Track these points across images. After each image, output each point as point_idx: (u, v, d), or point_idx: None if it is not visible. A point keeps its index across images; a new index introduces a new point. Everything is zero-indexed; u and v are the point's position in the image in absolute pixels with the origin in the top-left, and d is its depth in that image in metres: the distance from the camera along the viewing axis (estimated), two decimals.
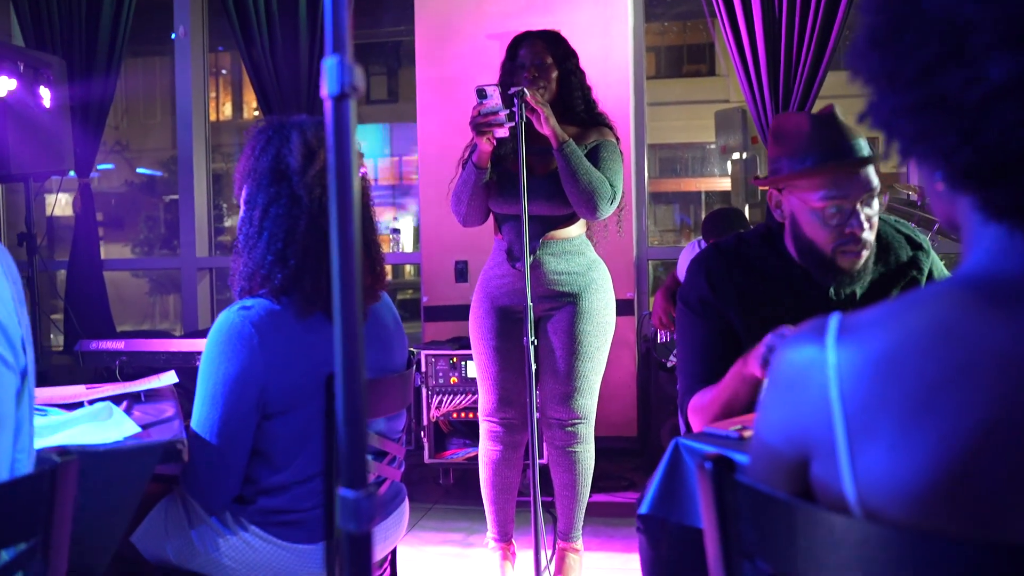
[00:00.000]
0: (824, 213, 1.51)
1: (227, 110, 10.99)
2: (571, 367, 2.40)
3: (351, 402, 0.68)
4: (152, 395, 1.63)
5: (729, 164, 7.56)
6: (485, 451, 2.49)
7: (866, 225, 1.52)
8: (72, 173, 4.40)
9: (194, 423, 1.43)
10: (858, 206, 1.51)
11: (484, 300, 2.47)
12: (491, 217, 2.51)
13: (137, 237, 8.65)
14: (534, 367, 2.19)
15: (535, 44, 2.42)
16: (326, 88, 0.66)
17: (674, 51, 10.25)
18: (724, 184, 8.80)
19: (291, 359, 1.42)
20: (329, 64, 0.66)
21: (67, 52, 4.34)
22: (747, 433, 1.24)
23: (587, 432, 2.46)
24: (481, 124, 2.24)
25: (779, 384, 0.75)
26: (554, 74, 2.42)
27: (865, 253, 1.55)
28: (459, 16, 4.10)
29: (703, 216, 9.64)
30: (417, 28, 4.16)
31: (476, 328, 2.47)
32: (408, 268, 6.71)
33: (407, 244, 4.99)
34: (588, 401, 2.43)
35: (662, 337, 3.66)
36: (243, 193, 1.48)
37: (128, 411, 1.52)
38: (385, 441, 1.53)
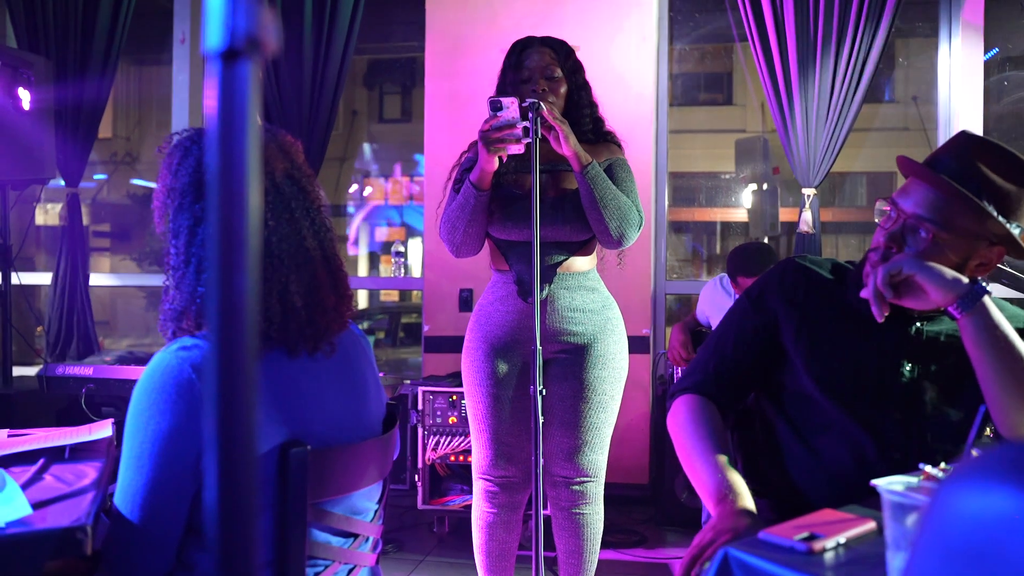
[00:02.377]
0: (883, 209, 1.39)
1: None
2: (582, 418, 2.11)
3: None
4: (80, 450, 1.35)
5: (749, 194, 7.29)
6: (479, 513, 2.19)
7: (882, 244, 1.36)
8: (62, 182, 4.18)
9: (118, 486, 1.15)
10: (905, 220, 1.35)
11: (482, 341, 2.15)
12: (487, 246, 2.20)
13: (143, 250, 8.45)
14: (541, 419, 1.90)
15: (543, 53, 2.12)
16: (208, 39, 0.39)
17: (691, 79, 10.06)
18: (740, 215, 8.54)
19: None
20: (213, 2, 0.39)
21: (60, 55, 4.13)
22: (818, 545, 0.95)
23: (596, 491, 2.16)
24: (495, 139, 1.96)
25: (947, 554, 0.47)
26: (563, 88, 2.14)
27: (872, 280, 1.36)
28: (472, 30, 3.87)
29: (718, 246, 9.36)
30: (428, 41, 3.93)
31: (472, 373, 2.16)
32: (415, 292, 6.44)
33: (415, 269, 4.72)
34: (598, 457, 2.14)
35: (678, 378, 3.37)
36: (165, 222, 1.19)
37: (42, 472, 1.23)
38: (356, 521, 1.24)
